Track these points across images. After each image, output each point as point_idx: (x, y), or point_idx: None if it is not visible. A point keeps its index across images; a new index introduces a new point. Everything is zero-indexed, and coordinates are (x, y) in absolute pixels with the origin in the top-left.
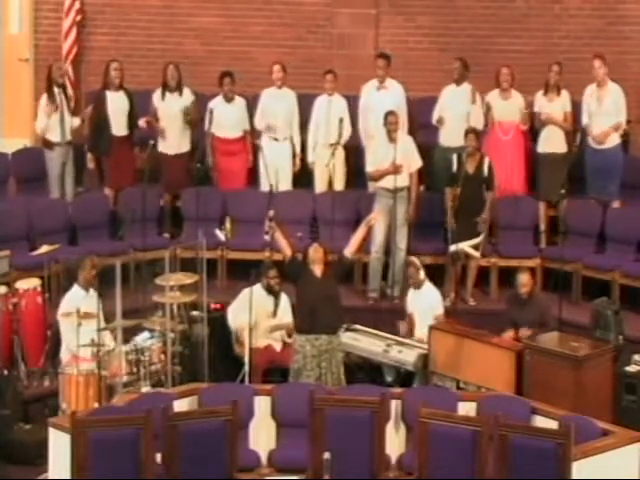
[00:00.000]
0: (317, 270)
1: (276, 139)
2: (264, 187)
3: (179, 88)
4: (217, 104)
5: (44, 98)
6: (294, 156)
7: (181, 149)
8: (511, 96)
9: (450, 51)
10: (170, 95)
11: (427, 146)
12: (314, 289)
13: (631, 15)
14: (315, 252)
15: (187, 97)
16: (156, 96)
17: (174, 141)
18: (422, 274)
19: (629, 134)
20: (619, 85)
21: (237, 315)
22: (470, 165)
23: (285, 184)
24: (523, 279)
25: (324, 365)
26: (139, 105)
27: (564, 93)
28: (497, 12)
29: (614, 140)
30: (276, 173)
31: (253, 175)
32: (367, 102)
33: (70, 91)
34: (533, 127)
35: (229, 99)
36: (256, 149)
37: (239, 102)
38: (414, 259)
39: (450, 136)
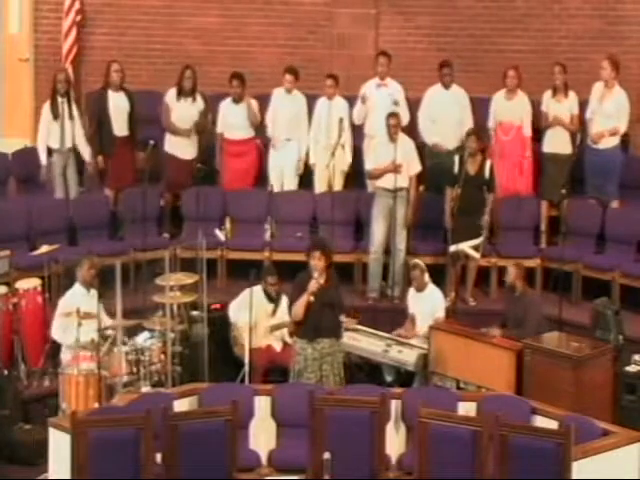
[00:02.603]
0: (319, 278)
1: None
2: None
3: (193, 94)
4: (226, 105)
5: (46, 107)
6: (300, 159)
7: (187, 155)
8: (515, 97)
9: (450, 51)
10: (184, 100)
11: (426, 146)
12: (317, 297)
13: (631, 15)
14: (318, 261)
15: (199, 104)
16: (170, 96)
17: (182, 145)
18: (427, 277)
19: (628, 134)
20: (624, 90)
21: (238, 313)
22: (471, 166)
23: (291, 185)
24: (509, 269)
25: (325, 368)
26: (139, 105)
27: (572, 95)
28: (497, 12)
29: (612, 141)
30: (282, 174)
31: (261, 176)
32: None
33: (73, 95)
34: (539, 127)
35: (237, 100)
36: (265, 149)
37: (248, 103)
38: (420, 262)
39: (441, 139)
